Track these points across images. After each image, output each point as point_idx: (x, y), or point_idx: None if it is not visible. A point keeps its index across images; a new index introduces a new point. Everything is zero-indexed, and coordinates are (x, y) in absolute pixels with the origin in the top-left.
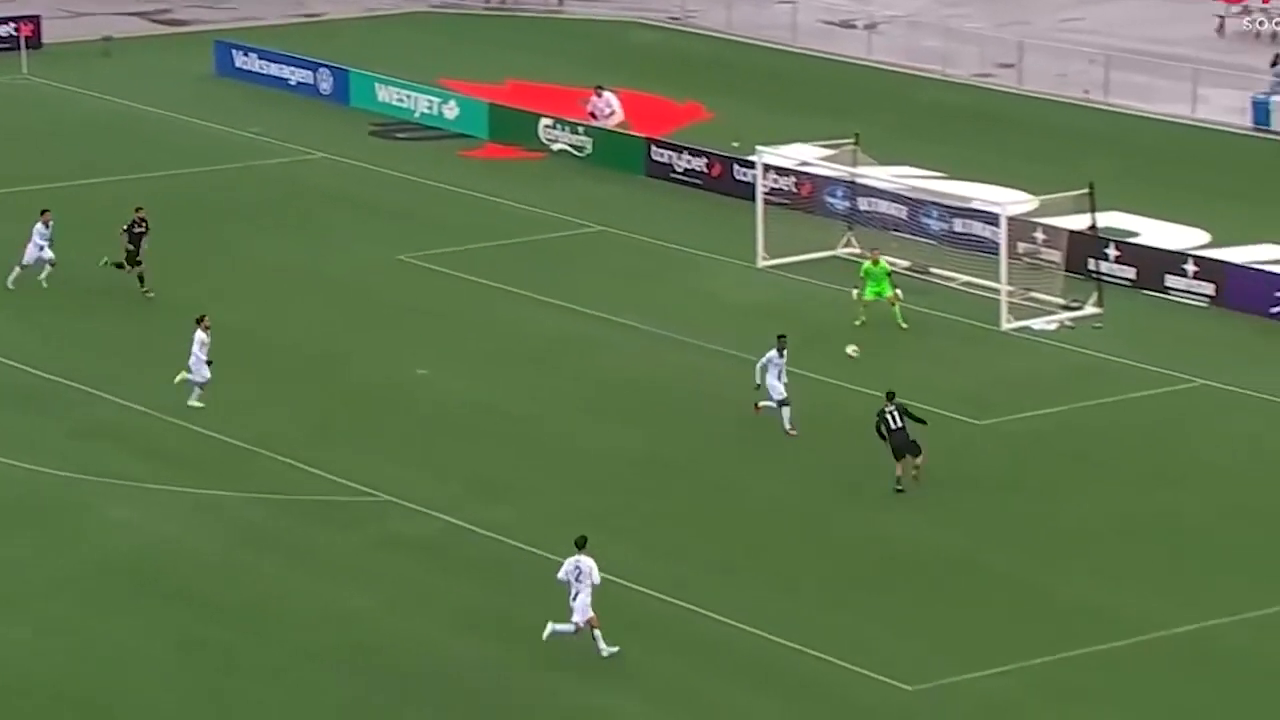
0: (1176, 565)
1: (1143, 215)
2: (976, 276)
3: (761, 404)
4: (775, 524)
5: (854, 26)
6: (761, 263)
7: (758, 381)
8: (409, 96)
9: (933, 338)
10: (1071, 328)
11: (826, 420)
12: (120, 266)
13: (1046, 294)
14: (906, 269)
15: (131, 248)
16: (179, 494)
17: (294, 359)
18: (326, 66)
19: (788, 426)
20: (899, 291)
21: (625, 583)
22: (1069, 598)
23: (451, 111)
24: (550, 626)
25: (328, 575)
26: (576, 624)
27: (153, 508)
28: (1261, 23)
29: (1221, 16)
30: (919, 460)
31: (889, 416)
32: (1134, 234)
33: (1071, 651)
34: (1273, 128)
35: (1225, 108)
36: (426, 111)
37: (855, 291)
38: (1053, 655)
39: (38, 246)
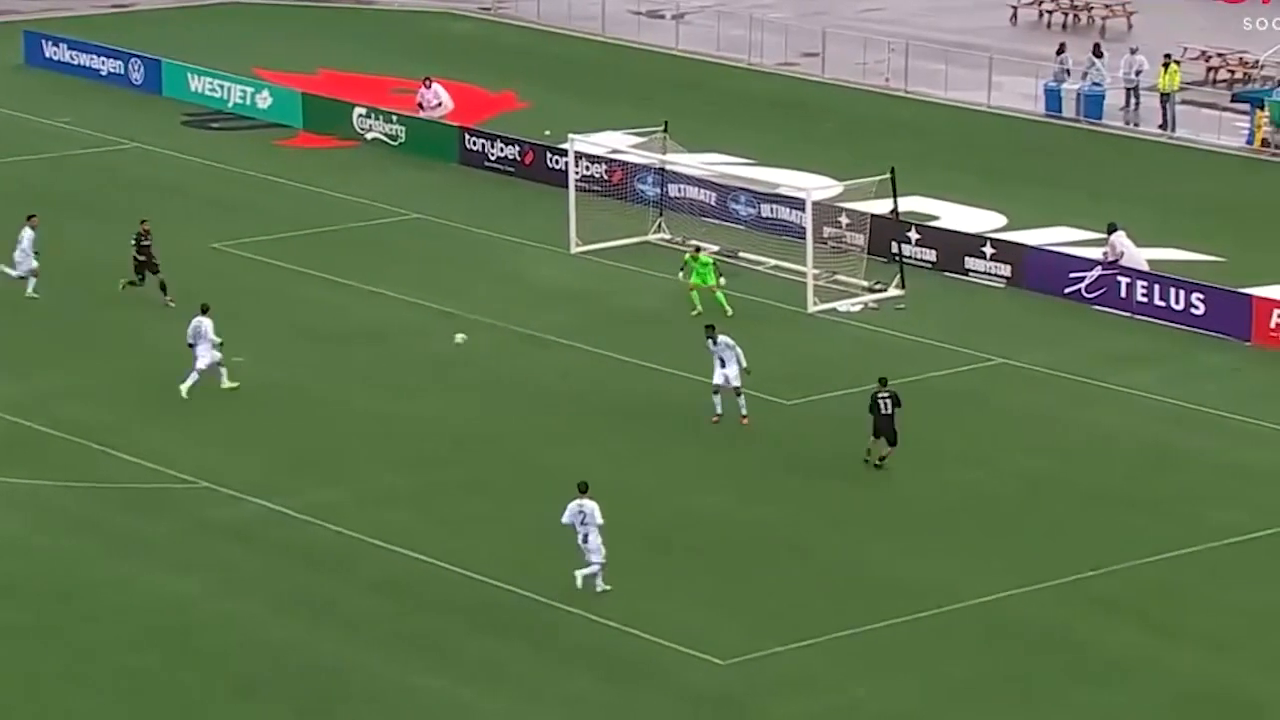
0: (977, 538)
1: (942, 199)
2: (784, 260)
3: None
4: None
5: (662, 17)
6: (574, 249)
7: (716, 383)
8: (222, 86)
9: (741, 320)
10: (875, 309)
11: (639, 402)
12: (134, 284)
13: (851, 277)
14: (716, 253)
15: (142, 258)
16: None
17: (106, 346)
18: (138, 56)
19: (741, 413)
20: (723, 280)
21: (440, 563)
22: (875, 572)
23: (265, 101)
24: (579, 575)
25: (144, 562)
26: (600, 563)
27: None
28: (1051, 12)
29: (1014, 6)
30: (888, 451)
31: (880, 402)
32: (934, 218)
33: (877, 624)
34: (1064, 114)
35: (1019, 95)
36: (240, 101)
37: (689, 287)
38: (860, 627)
39: (25, 253)
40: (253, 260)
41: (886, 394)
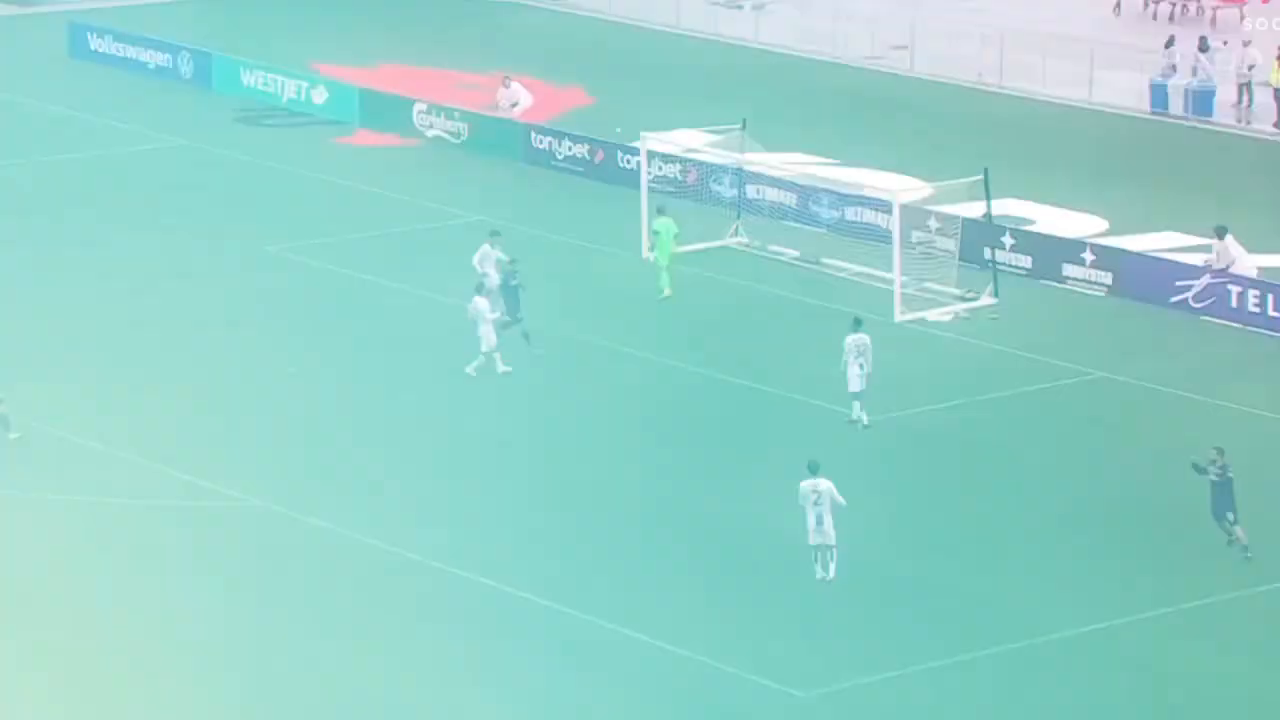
0: (1075, 564)
1: (1039, 202)
2: (869, 266)
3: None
4: (661, 525)
5: (740, 7)
6: (647, 253)
7: (854, 390)
8: (276, 81)
9: (824, 330)
10: (967, 319)
11: (708, 414)
12: (509, 325)
13: (941, 284)
14: (796, 258)
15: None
16: (41, 500)
17: (153, 356)
18: (188, 49)
19: (853, 417)
20: (652, 255)
21: (496, 584)
22: (966, 598)
23: (321, 96)
24: (830, 570)
25: (184, 579)
26: (832, 545)
27: (16, 515)
28: (1158, 2)
29: None
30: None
31: (1228, 474)
32: (1030, 222)
33: (970, 654)
34: (1171, 112)
35: (1123, 91)
36: (294, 97)
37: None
38: (951, 658)
39: (487, 273)
40: (309, 265)
41: (1225, 461)
